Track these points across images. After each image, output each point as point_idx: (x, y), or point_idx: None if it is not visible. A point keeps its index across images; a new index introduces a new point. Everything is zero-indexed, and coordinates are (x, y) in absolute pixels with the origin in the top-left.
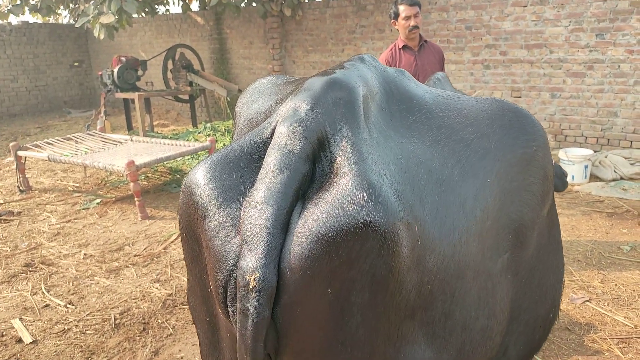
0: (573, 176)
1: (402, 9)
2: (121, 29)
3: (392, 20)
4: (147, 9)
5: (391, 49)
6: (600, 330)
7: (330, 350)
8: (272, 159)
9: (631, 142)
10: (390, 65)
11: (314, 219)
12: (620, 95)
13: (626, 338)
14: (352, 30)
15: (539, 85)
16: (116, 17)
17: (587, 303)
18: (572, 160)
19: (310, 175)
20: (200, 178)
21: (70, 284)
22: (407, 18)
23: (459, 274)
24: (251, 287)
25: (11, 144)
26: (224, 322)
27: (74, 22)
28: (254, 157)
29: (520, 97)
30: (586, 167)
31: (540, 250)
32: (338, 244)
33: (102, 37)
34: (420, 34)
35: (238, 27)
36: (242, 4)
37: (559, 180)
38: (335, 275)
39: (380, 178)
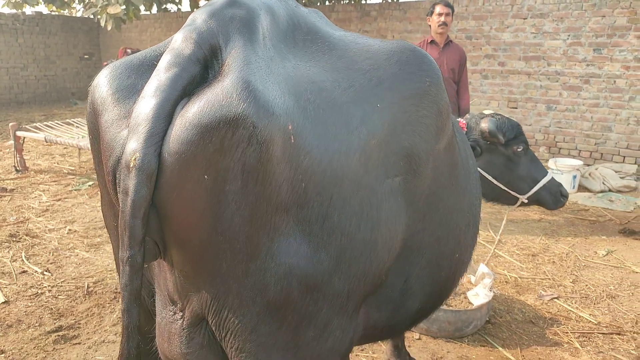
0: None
1: (437, 7)
2: (130, 22)
3: (427, 17)
4: (154, 3)
5: (420, 42)
6: (564, 324)
7: (210, 241)
8: (164, 59)
9: (624, 157)
10: None
11: (192, 109)
12: (615, 110)
13: (588, 333)
14: None
15: (536, 97)
16: (123, 8)
17: (555, 300)
18: (561, 170)
19: (199, 77)
20: (101, 79)
21: (51, 254)
22: (440, 15)
23: (336, 181)
24: (131, 166)
25: (10, 124)
26: None
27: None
28: (154, 65)
29: (516, 107)
30: (575, 177)
31: (439, 188)
32: (211, 130)
33: (109, 27)
34: (448, 35)
35: None
36: None
37: (552, 198)
38: (211, 162)
39: (260, 80)
